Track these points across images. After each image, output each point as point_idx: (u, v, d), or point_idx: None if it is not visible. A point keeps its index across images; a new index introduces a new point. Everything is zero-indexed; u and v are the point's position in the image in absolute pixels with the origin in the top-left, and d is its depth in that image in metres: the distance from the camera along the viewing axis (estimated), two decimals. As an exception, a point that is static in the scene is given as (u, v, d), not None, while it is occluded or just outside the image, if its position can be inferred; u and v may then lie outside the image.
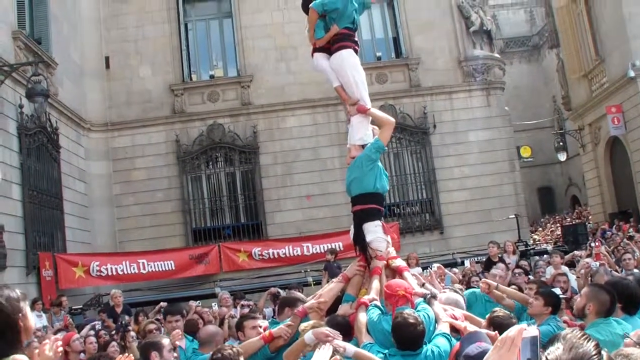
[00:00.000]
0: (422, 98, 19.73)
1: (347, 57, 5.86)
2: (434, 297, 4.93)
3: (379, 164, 5.68)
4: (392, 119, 5.90)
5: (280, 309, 5.46)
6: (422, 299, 4.84)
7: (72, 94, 17.56)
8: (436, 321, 4.66)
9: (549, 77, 39.40)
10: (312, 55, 6.26)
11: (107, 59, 19.32)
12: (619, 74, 22.84)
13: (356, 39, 6.03)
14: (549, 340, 2.06)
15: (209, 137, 19.02)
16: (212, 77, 19.96)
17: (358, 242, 5.64)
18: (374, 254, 5.44)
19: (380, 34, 20.56)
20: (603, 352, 2.01)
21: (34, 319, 2.57)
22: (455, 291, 5.99)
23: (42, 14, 16.12)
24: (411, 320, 4.26)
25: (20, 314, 2.43)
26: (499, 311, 4.94)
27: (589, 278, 8.45)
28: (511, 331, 2.07)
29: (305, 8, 6.18)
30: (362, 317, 4.74)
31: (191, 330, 7.14)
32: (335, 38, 5.89)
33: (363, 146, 5.74)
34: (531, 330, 2.06)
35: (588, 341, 2.00)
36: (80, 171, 17.76)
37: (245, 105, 19.39)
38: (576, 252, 13.83)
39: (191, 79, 19.87)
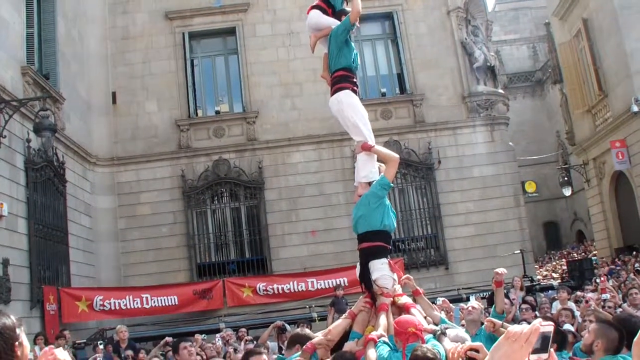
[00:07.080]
0: (426, 134, 19.79)
1: (344, 99, 5.81)
2: (444, 333, 4.90)
3: (386, 201, 5.64)
4: (397, 155, 5.86)
5: (291, 345, 5.44)
6: (432, 335, 4.82)
7: (78, 129, 17.70)
8: (446, 358, 4.63)
9: (552, 112, 39.57)
10: (308, 12, 6.26)
11: (113, 94, 19.50)
12: (622, 109, 22.95)
13: (355, 79, 6.00)
14: None
15: (214, 172, 19.07)
16: (217, 112, 20.07)
17: (364, 279, 5.61)
18: (379, 292, 5.42)
19: (384, 70, 20.71)
20: None
21: (29, 347, 2.41)
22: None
23: (51, 50, 16.33)
24: (430, 355, 4.22)
25: (16, 342, 2.33)
26: None
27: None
28: (525, 328, 2.00)
29: None
30: (372, 354, 4.70)
31: None
32: (333, 80, 5.91)
33: (370, 183, 5.72)
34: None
35: None
36: (86, 205, 17.80)
37: (251, 141, 19.47)
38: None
39: (197, 115, 19.96)
